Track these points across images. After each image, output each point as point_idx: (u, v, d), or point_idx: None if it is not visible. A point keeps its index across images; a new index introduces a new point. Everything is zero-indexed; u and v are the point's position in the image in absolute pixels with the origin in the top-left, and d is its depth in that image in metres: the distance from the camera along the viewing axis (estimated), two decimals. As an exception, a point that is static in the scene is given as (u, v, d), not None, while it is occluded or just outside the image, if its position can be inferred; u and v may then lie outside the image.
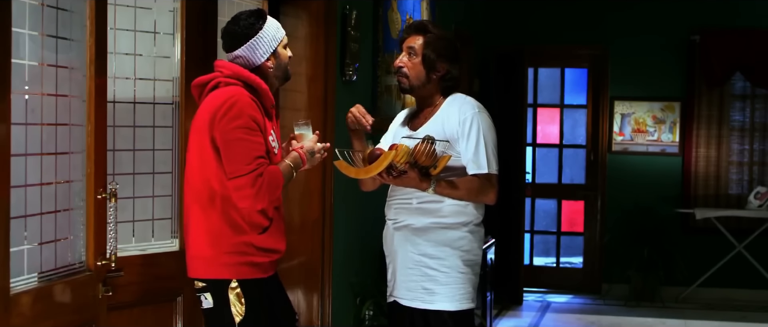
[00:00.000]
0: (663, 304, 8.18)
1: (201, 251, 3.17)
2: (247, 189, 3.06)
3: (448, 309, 3.57)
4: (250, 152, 3.08)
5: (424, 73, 3.62)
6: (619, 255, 8.47)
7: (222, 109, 3.09)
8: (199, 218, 3.17)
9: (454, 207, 3.57)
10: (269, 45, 3.25)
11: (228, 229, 3.13)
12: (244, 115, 3.09)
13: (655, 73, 8.60)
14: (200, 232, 3.16)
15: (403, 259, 3.64)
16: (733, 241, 8.26)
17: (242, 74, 3.20)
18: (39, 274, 2.87)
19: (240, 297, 3.16)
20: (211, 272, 3.17)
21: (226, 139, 3.08)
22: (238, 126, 3.08)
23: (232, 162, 3.08)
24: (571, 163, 9.12)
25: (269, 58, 3.26)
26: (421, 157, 3.40)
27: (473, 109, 3.59)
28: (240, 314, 3.17)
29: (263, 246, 3.19)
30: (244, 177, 3.06)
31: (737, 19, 8.43)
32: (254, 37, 3.21)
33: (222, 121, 3.08)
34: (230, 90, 3.15)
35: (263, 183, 3.09)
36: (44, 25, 2.88)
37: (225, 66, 3.23)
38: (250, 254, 3.17)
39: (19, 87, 2.75)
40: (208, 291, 3.19)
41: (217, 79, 3.20)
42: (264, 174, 3.09)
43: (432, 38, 3.62)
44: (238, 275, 3.16)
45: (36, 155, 2.85)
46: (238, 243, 3.14)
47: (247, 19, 3.23)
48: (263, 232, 3.19)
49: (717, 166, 8.53)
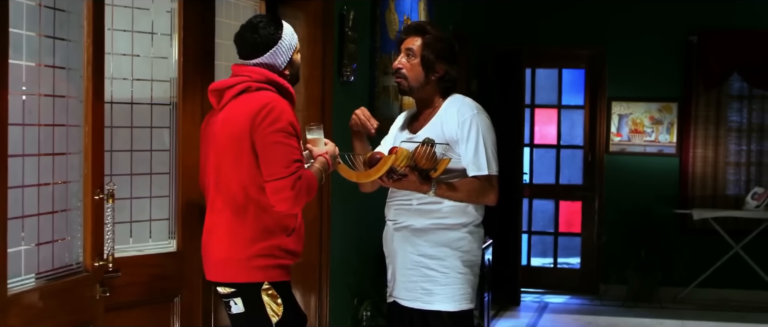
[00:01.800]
0: (660, 304, 8.19)
1: (231, 254, 3.19)
2: (286, 191, 3.09)
3: (448, 309, 3.57)
4: (289, 156, 3.11)
5: (423, 74, 3.62)
6: (617, 255, 8.48)
7: (261, 113, 3.11)
8: (231, 223, 3.19)
9: (454, 208, 3.57)
10: (287, 53, 3.30)
11: (260, 233, 3.17)
12: (284, 120, 3.12)
13: (653, 74, 8.60)
14: (231, 236, 3.19)
15: (402, 259, 3.64)
16: (730, 241, 8.27)
17: (275, 79, 3.24)
18: (36, 274, 2.87)
19: (275, 298, 3.19)
20: (243, 276, 3.19)
21: (265, 143, 3.11)
22: (277, 129, 3.11)
23: (270, 165, 3.10)
24: (569, 163, 9.12)
25: (286, 66, 3.30)
26: (421, 160, 3.40)
27: (472, 111, 3.59)
28: (277, 315, 3.20)
29: (290, 248, 3.25)
30: (284, 179, 3.09)
31: (735, 20, 8.44)
32: (275, 46, 3.25)
33: (261, 125, 3.11)
34: (267, 95, 3.18)
35: (302, 186, 3.12)
36: (42, 26, 2.88)
37: (253, 71, 3.24)
38: (280, 257, 3.21)
39: (17, 87, 2.75)
40: (238, 295, 3.20)
41: (247, 84, 3.22)
42: (302, 178, 3.13)
43: (430, 39, 3.62)
44: (270, 278, 3.20)
45: (33, 156, 2.85)
46: (269, 246, 3.18)
47: (266, 28, 3.25)
48: (291, 235, 3.24)
49: (714, 166, 8.53)
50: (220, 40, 3.96)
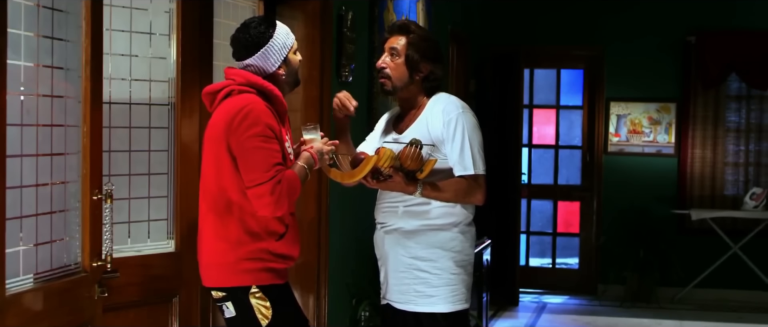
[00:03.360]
0: (659, 304, 8.19)
1: (218, 259, 3.17)
2: (266, 197, 3.06)
3: (442, 311, 3.55)
4: (268, 160, 3.08)
5: (407, 73, 3.59)
6: (615, 256, 8.48)
7: (237, 117, 3.08)
8: (215, 227, 3.17)
9: (442, 208, 3.54)
10: (280, 52, 3.25)
11: (245, 236, 3.14)
12: (261, 123, 3.09)
13: (651, 74, 8.61)
14: (217, 240, 3.17)
15: (394, 262, 3.62)
16: (728, 242, 8.27)
17: (256, 82, 3.19)
18: (34, 275, 2.86)
19: (263, 301, 3.17)
20: (231, 280, 3.17)
21: (243, 148, 3.08)
22: (254, 134, 3.07)
23: (250, 170, 3.07)
24: (567, 164, 9.12)
25: (281, 66, 3.26)
26: (406, 161, 3.36)
27: (457, 110, 3.56)
28: (266, 318, 3.17)
29: (280, 252, 3.20)
30: (263, 185, 3.05)
31: (733, 20, 8.45)
32: (266, 46, 3.21)
33: (238, 130, 3.08)
34: (245, 98, 3.15)
35: (283, 190, 3.08)
36: (40, 26, 2.88)
37: (237, 74, 3.22)
38: (268, 260, 3.18)
39: (15, 88, 2.75)
40: (229, 300, 3.19)
41: (230, 87, 3.19)
42: (282, 181, 3.09)
43: (415, 39, 3.60)
44: (258, 281, 3.17)
45: (31, 156, 2.84)
46: (256, 250, 3.15)
47: (257, 28, 3.22)
48: (280, 239, 3.20)
49: (713, 167, 8.54)
50: (218, 40, 3.96)
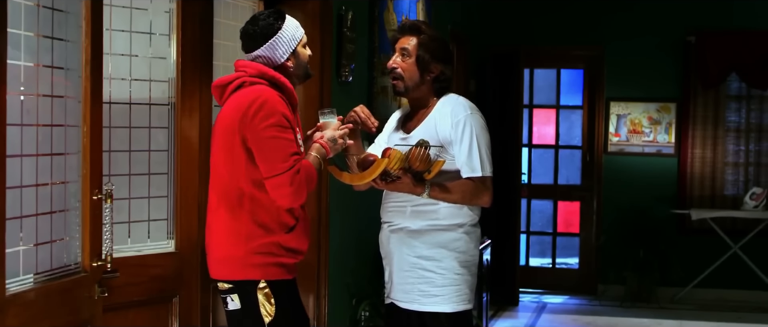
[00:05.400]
0: (659, 304, 8.19)
1: (229, 252, 3.16)
2: (285, 187, 3.06)
3: (445, 311, 3.55)
4: (285, 150, 3.07)
5: (418, 74, 3.60)
6: (615, 256, 8.48)
7: (252, 108, 3.07)
8: (226, 220, 3.16)
9: (449, 209, 3.56)
10: (289, 44, 3.24)
11: (257, 229, 3.13)
12: (276, 113, 3.08)
13: (651, 74, 8.61)
14: (228, 233, 3.16)
15: (399, 261, 3.63)
16: (728, 242, 8.27)
17: (267, 72, 3.19)
18: (34, 275, 2.86)
19: (269, 297, 3.15)
20: (240, 273, 3.16)
21: (260, 138, 3.07)
22: (270, 124, 3.06)
23: (267, 161, 3.07)
24: (567, 163, 9.13)
25: (289, 58, 3.26)
26: (415, 162, 3.36)
27: (466, 111, 3.57)
28: (269, 315, 3.15)
29: (290, 246, 3.19)
30: (282, 175, 3.05)
31: (733, 20, 8.45)
32: (274, 37, 3.21)
33: (253, 121, 3.07)
34: (257, 89, 3.14)
35: (301, 179, 3.08)
36: (40, 26, 2.88)
37: (248, 65, 3.22)
38: (279, 255, 3.16)
39: (15, 88, 2.75)
40: (235, 292, 3.18)
41: (242, 79, 3.18)
42: (300, 170, 3.09)
43: (426, 39, 3.60)
44: (267, 276, 3.15)
45: (31, 156, 2.84)
46: (267, 243, 3.14)
47: (266, 19, 3.22)
48: (290, 232, 3.18)
49: (712, 167, 8.54)
50: (218, 40, 3.95)
